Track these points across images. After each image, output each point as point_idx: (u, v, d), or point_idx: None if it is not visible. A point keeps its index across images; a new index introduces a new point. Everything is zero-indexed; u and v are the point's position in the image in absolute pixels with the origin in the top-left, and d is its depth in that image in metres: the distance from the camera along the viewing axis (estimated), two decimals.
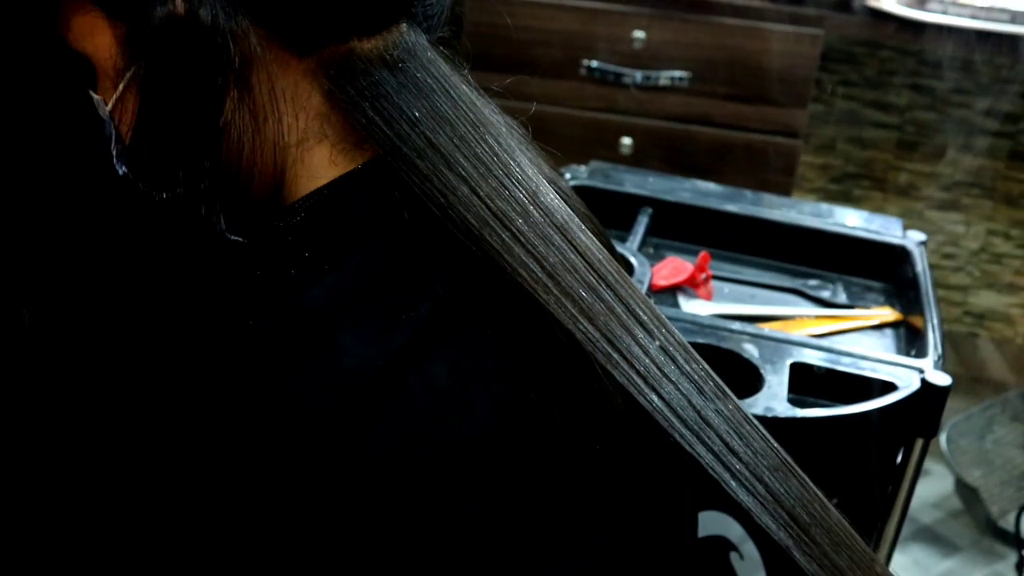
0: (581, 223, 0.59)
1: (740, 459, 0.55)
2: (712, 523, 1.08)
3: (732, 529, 1.08)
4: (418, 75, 0.57)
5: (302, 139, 0.57)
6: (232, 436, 0.52)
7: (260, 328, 0.54)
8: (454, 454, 0.52)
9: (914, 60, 2.55)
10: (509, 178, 0.56)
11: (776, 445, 0.58)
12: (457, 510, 0.52)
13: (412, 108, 0.56)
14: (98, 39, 0.55)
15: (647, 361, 0.55)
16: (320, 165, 0.57)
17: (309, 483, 0.51)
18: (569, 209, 0.59)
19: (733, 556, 1.10)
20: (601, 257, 0.58)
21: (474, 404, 0.54)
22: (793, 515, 0.55)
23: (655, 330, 0.57)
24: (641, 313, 0.57)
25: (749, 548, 1.09)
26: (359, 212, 0.57)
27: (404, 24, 0.58)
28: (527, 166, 0.58)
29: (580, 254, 0.57)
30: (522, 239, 0.55)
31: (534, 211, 0.56)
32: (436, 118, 0.56)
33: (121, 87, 0.56)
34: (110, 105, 0.56)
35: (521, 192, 0.56)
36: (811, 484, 0.57)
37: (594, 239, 0.59)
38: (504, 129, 0.60)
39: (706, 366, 0.58)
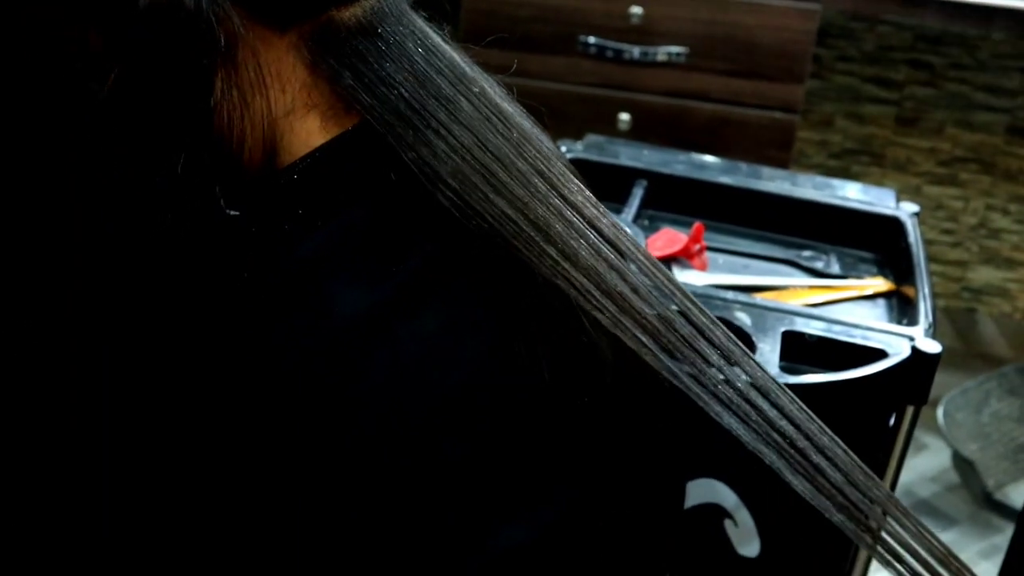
0: (566, 171, 0.60)
1: (730, 384, 0.56)
2: (706, 491, 1.09)
3: (726, 497, 1.10)
4: (397, 38, 0.58)
5: (291, 110, 0.58)
6: (231, 380, 0.54)
7: (255, 279, 0.55)
8: (439, 402, 0.53)
9: (912, 35, 2.56)
10: (492, 132, 0.58)
11: (763, 368, 0.58)
12: (440, 456, 0.53)
13: (392, 72, 0.57)
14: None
15: (634, 299, 0.56)
16: (311, 132, 0.59)
17: (300, 425, 0.53)
18: (554, 158, 0.60)
19: (727, 524, 1.11)
20: (585, 199, 0.59)
21: (461, 355, 0.55)
22: (784, 435, 0.56)
23: (643, 264, 0.58)
24: (626, 250, 0.58)
25: (743, 516, 1.10)
26: (349, 171, 0.58)
27: None
28: (510, 118, 0.60)
29: (564, 199, 0.58)
30: (504, 191, 0.56)
31: (518, 162, 0.57)
32: (416, 80, 0.57)
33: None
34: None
35: (504, 143, 0.58)
36: (803, 406, 0.58)
37: (580, 184, 0.60)
38: (485, 84, 0.61)
39: (698, 302, 0.59)
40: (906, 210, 1.35)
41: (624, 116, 2.11)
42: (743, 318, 1.10)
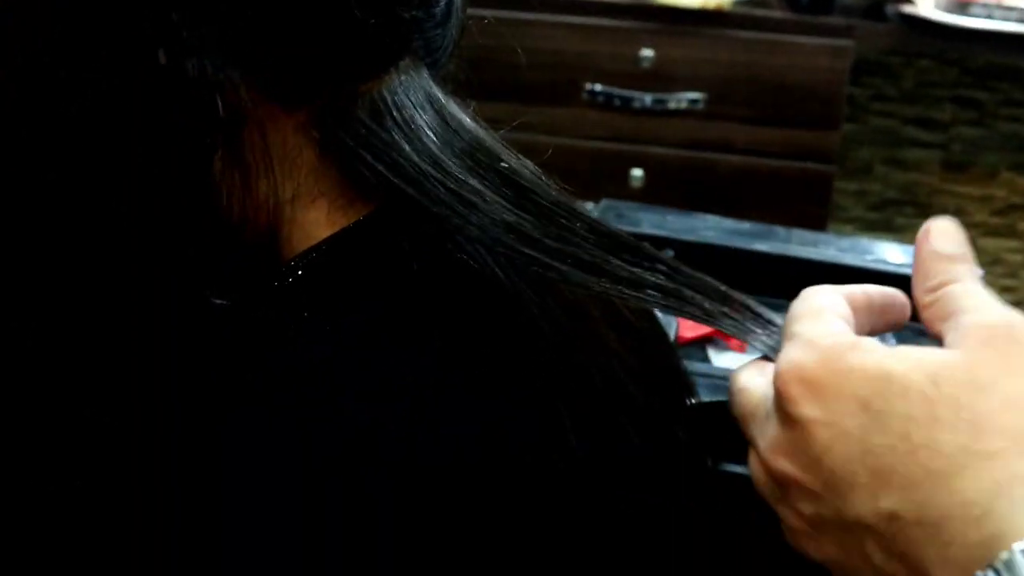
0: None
1: None
2: None
3: None
4: (422, 117, 0.60)
5: (296, 196, 0.60)
6: (237, 483, 0.57)
7: (262, 387, 0.57)
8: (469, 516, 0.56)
9: (957, 71, 2.61)
10: (526, 217, 0.60)
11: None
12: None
13: (415, 154, 0.59)
14: None
15: None
16: (316, 223, 0.60)
17: (320, 528, 0.55)
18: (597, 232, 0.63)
19: None
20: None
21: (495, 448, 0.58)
22: None
23: None
24: None
25: None
26: (358, 270, 0.60)
27: (404, 59, 0.60)
28: (545, 197, 0.62)
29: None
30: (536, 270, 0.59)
31: (566, 246, 0.60)
32: (442, 161, 0.59)
33: None
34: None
35: (539, 226, 0.60)
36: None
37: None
38: (514, 163, 0.63)
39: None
40: None
41: (636, 172, 2.14)
42: None
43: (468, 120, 0.63)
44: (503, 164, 0.61)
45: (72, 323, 0.59)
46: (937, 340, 0.51)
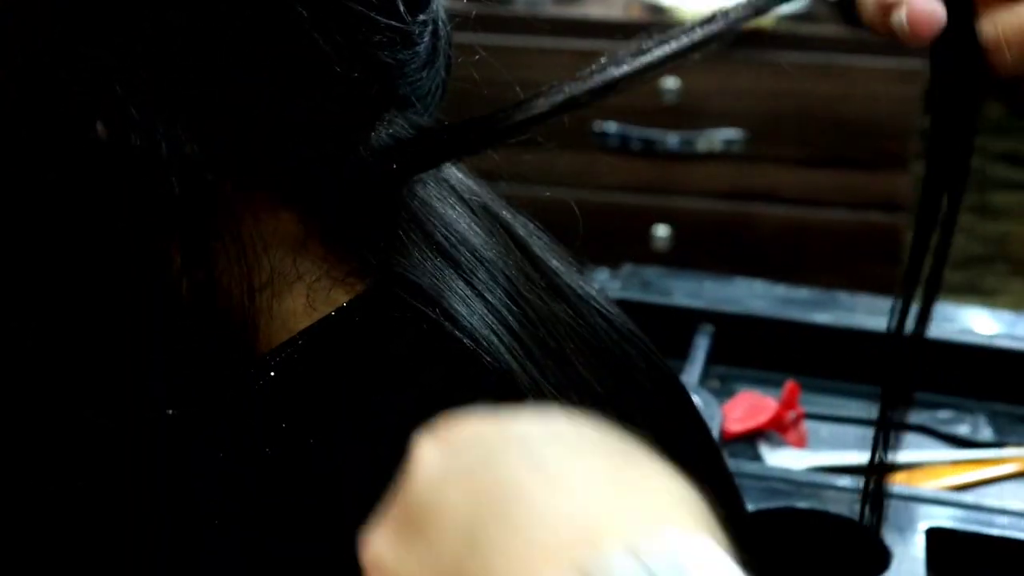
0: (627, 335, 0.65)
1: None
2: None
3: None
4: (417, 180, 0.63)
5: (270, 282, 0.62)
6: None
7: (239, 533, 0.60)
8: None
9: None
10: (546, 296, 0.63)
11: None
12: None
13: (421, 224, 0.62)
14: None
15: None
16: (293, 312, 0.63)
17: None
18: (611, 322, 0.67)
19: None
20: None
21: None
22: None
23: None
24: None
25: None
26: (345, 366, 0.62)
27: (389, 111, 0.63)
28: (559, 277, 0.65)
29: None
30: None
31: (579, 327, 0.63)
32: (450, 233, 0.62)
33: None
34: None
35: (563, 309, 0.63)
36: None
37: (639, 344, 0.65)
38: (524, 232, 0.67)
39: None
40: None
41: (661, 230, 2.16)
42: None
43: (462, 176, 0.66)
44: (509, 243, 0.65)
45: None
46: None
